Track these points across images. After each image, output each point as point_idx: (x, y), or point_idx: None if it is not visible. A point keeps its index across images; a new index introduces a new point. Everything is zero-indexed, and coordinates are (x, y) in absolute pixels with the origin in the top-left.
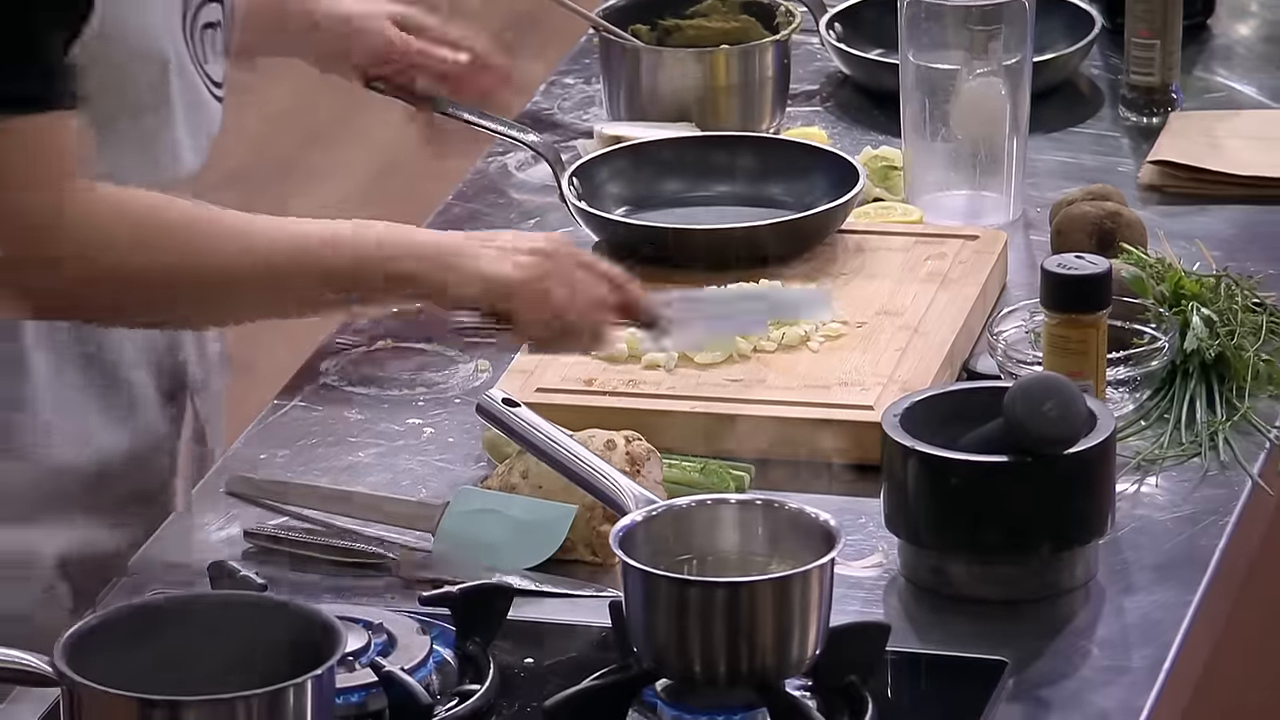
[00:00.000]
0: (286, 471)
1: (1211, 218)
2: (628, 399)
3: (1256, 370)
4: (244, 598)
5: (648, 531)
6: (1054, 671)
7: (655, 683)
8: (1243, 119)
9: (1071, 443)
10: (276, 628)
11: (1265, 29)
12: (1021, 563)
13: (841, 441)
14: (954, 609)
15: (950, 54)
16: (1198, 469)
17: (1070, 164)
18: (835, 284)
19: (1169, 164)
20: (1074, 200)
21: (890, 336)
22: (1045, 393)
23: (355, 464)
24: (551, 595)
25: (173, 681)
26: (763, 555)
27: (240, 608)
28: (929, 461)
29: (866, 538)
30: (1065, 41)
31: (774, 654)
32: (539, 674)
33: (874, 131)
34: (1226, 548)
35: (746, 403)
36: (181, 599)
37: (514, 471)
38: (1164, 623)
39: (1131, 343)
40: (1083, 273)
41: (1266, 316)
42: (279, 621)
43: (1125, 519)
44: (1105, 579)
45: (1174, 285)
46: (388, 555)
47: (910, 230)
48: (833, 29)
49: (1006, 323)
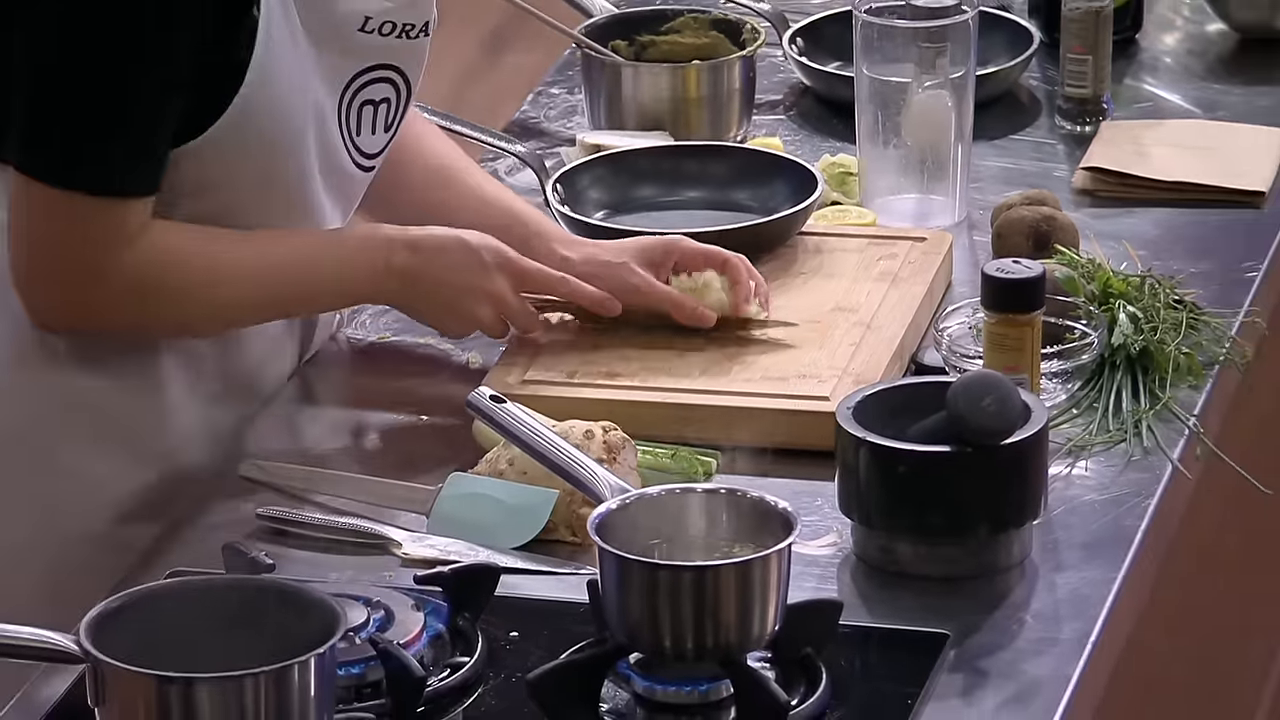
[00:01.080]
0: (295, 456)
1: (1138, 219)
2: (606, 390)
3: (1177, 363)
4: (254, 581)
5: (622, 518)
6: (991, 643)
7: (629, 656)
8: (1167, 128)
9: (1008, 434)
10: (283, 609)
11: (1188, 42)
12: (962, 543)
13: (800, 430)
14: (901, 585)
15: (901, 68)
16: (1123, 454)
17: (1011, 169)
18: (796, 283)
19: (1100, 170)
20: (1013, 205)
21: (845, 332)
22: (984, 389)
23: (357, 449)
24: (535, 573)
25: (188, 658)
26: (727, 539)
27: (250, 590)
28: (879, 451)
29: (822, 519)
30: (1006, 56)
31: (736, 630)
32: (523, 647)
33: (832, 139)
34: (1148, 528)
35: (713, 394)
36: (195, 583)
37: (501, 459)
38: (1091, 598)
39: (1064, 338)
40: (1019, 276)
41: (1186, 313)
42: (285, 603)
43: (1057, 501)
44: (1038, 557)
45: (1103, 284)
46: (386, 535)
47: (864, 232)
48: (795, 43)
49: (951, 319)
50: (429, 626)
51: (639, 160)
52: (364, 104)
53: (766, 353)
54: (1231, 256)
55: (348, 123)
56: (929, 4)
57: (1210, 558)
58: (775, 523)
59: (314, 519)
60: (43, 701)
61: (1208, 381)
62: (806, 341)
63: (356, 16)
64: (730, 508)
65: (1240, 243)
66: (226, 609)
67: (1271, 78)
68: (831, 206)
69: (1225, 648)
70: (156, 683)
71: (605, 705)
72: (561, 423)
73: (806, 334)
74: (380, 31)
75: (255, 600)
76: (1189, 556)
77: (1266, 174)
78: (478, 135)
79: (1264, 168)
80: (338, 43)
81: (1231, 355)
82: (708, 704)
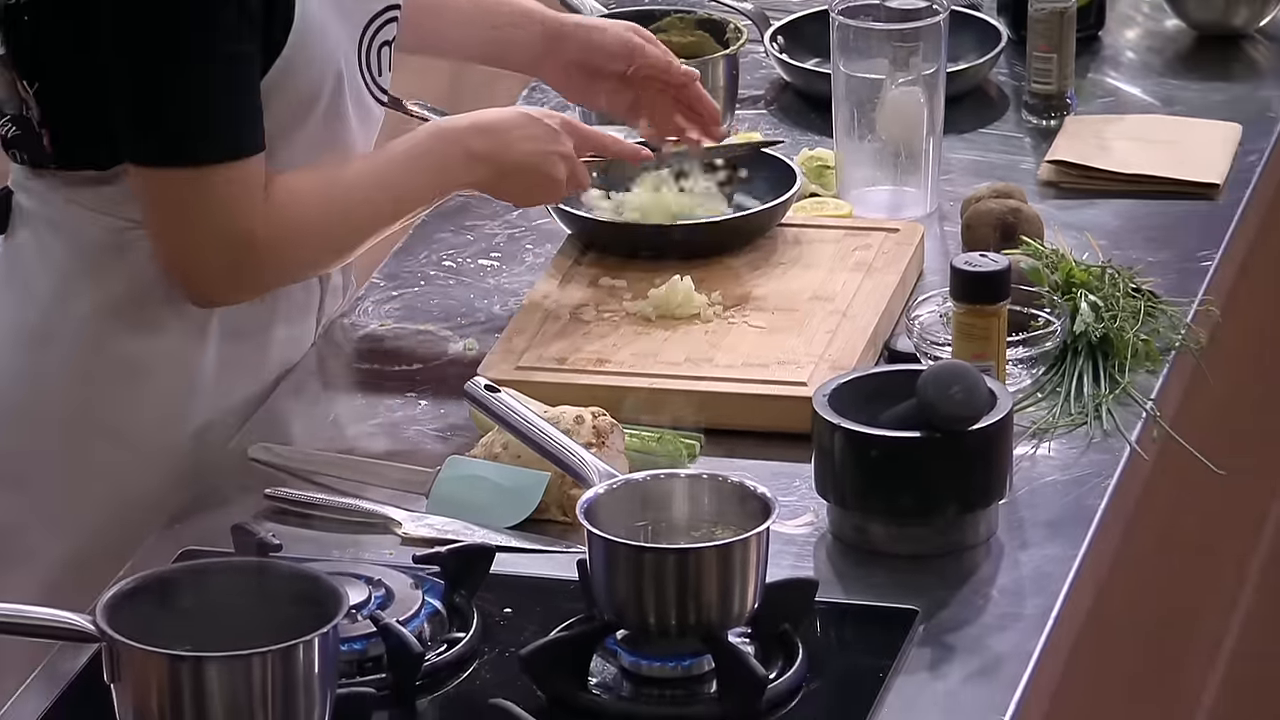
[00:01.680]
0: (301, 439)
1: (1100, 210)
2: (595, 375)
3: (1135, 349)
4: (261, 564)
5: (609, 502)
6: (958, 618)
7: (616, 633)
8: (1128, 122)
9: (975, 421)
10: (289, 589)
11: (1148, 39)
12: (931, 523)
13: (779, 414)
14: (874, 563)
15: (876, 64)
16: (1085, 436)
17: (980, 162)
18: (776, 272)
19: (1064, 163)
20: (981, 197)
21: (822, 320)
22: (952, 378)
23: (360, 432)
24: (528, 551)
25: (199, 637)
26: (709, 522)
27: (258, 572)
28: (853, 436)
29: (800, 499)
30: (976, 53)
31: (718, 609)
32: (517, 623)
33: (811, 133)
34: (1108, 507)
35: (697, 379)
36: (206, 565)
37: (496, 443)
38: (1053, 575)
39: (1029, 325)
40: (985, 269)
41: (1144, 302)
42: (291, 584)
43: (1022, 481)
44: (1004, 535)
45: (1065, 274)
46: (388, 515)
47: (840, 224)
48: (775, 41)
49: (922, 308)
50: (427, 604)
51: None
52: (381, 45)
53: (747, 340)
54: (1187, 246)
55: (368, 64)
56: (902, 6)
57: (1165, 536)
58: (754, 505)
59: (319, 499)
60: (61, 676)
61: (1164, 367)
62: (785, 329)
63: None
64: (712, 491)
65: (1196, 233)
66: (235, 590)
67: (1226, 74)
68: (810, 198)
69: (1178, 623)
70: (168, 661)
71: (594, 679)
72: (553, 408)
73: (786, 321)
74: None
75: (263, 581)
76: (1146, 534)
77: (1221, 167)
78: None
79: (1219, 161)
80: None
81: (1187, 342)
82: (690, 678)
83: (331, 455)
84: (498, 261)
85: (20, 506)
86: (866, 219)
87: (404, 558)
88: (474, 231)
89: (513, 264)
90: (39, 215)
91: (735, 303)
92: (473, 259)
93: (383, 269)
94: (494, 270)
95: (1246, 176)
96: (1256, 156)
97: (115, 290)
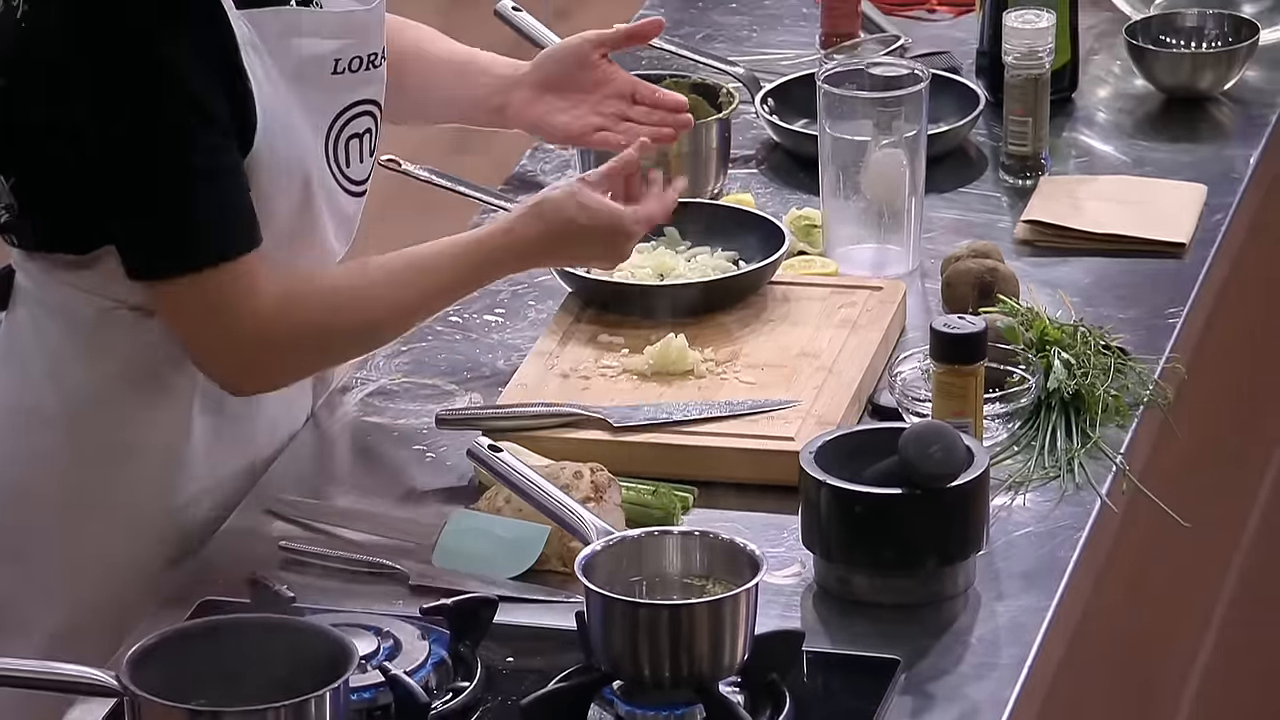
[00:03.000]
0: (315, 491)
1: (1073, 268)
2: (593, 431)
3: (1106, 404)
4: (277, 620)
5: (606, 558)
6: (938, 667)
7: (613, 683)
8: (1099, 183)
9: (953, 478)
10: (303, 644)
11: (1119, 100)
12: (912, 575)
13: (769, 468)
14: (857, 613)
15: (861, 126)
16: (1058, 489)
17: (960, 220)
18: (766, 329)
19: (1039, 222)
20: (960, 257)
21: (809, 376)
22: (932, 437)
23: (371, 484)
24: (529, 601)
25: (216, 690)
26: (700, 577)
27: (273, 628)
28: (838, 493)
29: (788, 550)
30: (956, 115)
31: (709, 661)
32: (518, 672)
33: (800, 191)
34: (1079, 558)
35: (691, 434)
36: (224, 621)
37: (499, 496)
38: (1028, 625)
39: (1005, 382)
40: (963, 331)
41: (1114, 359)
42: (305, 639)
43: (999, 532)
44: (981, 586)
45: (1040, 333)
46: (396, 566)
47: (826, 282)
48: (766, 103)
49: (904, 365)
50: (433, 654)
51: None
52: (350, 138)
53: (739, 395)
54: (1156, 303)
55: (336, 159)
56: (885, 73)
57: (1134, 586)
58: (744, 561)
59: (332, 551)
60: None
61: (1133, 421)
62: (774, 385)
63: (325, 60)
64: (704, 548)
65: (1164, 290)
66: (252, 644)
67: (1193, 135)
68: (798, 256)
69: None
70: (188, 716)
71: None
72: (554, 463)
73: (775, 377)
74: (350, 68)
75: (278, 637)
76: (1115, 584)
77: (1187, 226)
78: (478, 194)
79: (1185, 221)
80: (315, 88)
81: (1154, 397)
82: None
83: (343, 507)
84: (502, 317)
85: (16, 579)
86: (852, 277)
87: (412, 607)
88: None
89: (516, 320)
90: (33, 295)
91: (727, 358)
92: (478, 314)
93: None
94: (498, 326)
95: (1212, 235)
96: (1222, 215)
97: (107, 369)
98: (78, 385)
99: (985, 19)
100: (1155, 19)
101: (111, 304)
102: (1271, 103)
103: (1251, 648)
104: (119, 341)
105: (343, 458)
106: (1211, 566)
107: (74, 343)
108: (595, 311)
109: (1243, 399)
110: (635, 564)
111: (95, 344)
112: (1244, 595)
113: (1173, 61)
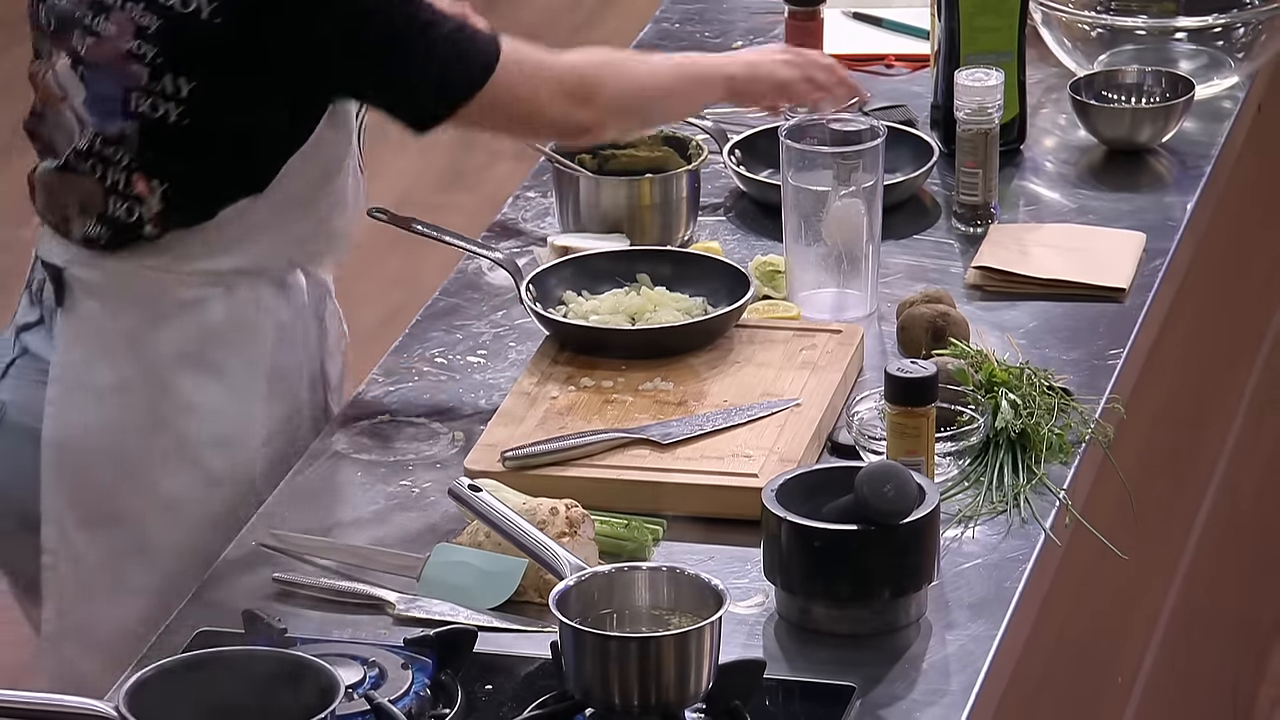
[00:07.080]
0: (307, 526)
1: (1020, 311)
2: (568, 468)
3: (1050, 442)
4: (268, 653)
5: (579, 592)
6: (891, 694)
7: (585, 710)
8: (1045, 231)
9: (905, 515)
10: (293, 676)
11: (1064, 151)
12: (868, 606)
13: (733, 503)
14: (816, 642)
15: (821, 177)
16: (1005, 523)
17: (915, 266)
18: (732, 370)
19: (988, 268)
20: (914, 302)
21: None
22: (886, 477)
23: (359, 519)
24: (507, 631)
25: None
26: (667, 610)
27: (265, 660)
28: (798, 529)
29: (751, 581)
30: (911, 166)
31: (675, 690)
32: (496, 699)
33: (765, 238)
34: (1024, 590)
35: (660, 471)
36: (219, 654)
37: (480, 531)
38: (975, 653)
39: (956, 421)
40: (915, 375)
41: (1058, 399)
42: (294, 671)
43: (949, 564)
44: (932, 615)
45: (988, 375)
46: (383, 598)
47: (789, 325)
48: (733, 154)
49: (861, 405)
50: (416, 682)
51: (599, 262)
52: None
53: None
54: (1097, 345)
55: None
56: (844, 128)
57: (1075, 614)
58: (709, 595)
59: (321, 583)
60: None
61: (1075, 458)
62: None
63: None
64: (671, 582)
65: (1105, 333)
66: (245, 677)
67: (1133, 185)
68: (763, 300)
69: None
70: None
71: None
72: (531, 499)
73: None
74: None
75: (270, 669)
76: (1058, 613)
77: (1127, 272)
78: (463, 243)
79: (1125, 267)
80: None
81: (1095, 435)
82: None
83: (332, 541)
84: (484, 358)
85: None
86: (813, 321)
87: (396, 637)
88: (463, 330)
89: (497, 361)
90: (106, 289)
91: (695, 398)
92: (461, 355)
93: (381, 365)
94: (480, 366)
95: (1150, 280)
96: (1160, 260)
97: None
98: (156, 357)
99: (939, 76)
100: (1098, 75)
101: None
102: (1207, 154)
103: (1187, 672)
104: (190, 315)
105: (333, 493)
106: (1148, 595)
107: (151, 321)
108: (571, 353)
109: (1180, 437)
110: (606, 597)
111: (170, 319)
112: (1179, 622)
113: (1114, 116)
